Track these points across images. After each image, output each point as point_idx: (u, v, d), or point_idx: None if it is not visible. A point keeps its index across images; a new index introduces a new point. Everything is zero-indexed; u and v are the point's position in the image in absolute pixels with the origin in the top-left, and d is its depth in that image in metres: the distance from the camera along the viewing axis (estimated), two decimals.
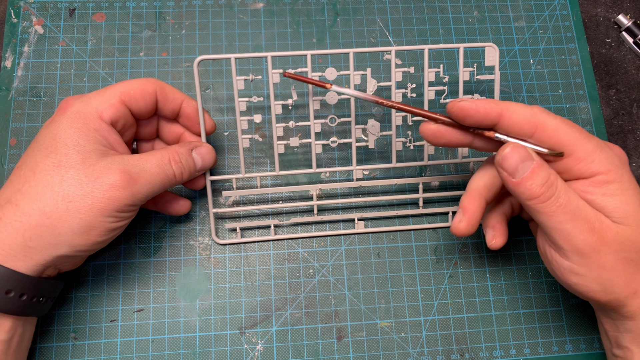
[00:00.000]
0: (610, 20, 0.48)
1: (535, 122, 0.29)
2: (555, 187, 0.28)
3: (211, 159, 0.37)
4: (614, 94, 0.46)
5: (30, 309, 0.31)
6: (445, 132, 0.32)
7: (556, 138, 0.29)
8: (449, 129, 0.32)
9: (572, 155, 0.29)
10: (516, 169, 0.29)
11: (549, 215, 0.28)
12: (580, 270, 0.29)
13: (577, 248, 0.28)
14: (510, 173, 0.29)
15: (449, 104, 0.31)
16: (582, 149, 0.29)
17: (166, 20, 0.45)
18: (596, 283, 0.29)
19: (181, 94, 0.36)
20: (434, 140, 0.32)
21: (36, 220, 0.29)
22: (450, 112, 0.31)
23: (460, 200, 0.34)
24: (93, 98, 0.33)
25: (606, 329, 0.32)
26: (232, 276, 0.39)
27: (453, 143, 0.32)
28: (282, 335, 0.38)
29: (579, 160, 0.29)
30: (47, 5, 0.44)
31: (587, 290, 0.29)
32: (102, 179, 0.30)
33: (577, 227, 0.28)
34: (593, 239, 0.28)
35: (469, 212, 0.33)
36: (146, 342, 0.37)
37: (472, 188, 0.34)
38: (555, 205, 0.28)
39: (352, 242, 0.41)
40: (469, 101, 0.30)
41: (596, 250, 0.28)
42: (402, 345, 0.38)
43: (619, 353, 0.31)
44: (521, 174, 0.29)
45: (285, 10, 0.46)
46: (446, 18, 0.46)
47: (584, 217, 0.28)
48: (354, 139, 0.39)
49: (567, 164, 0.29)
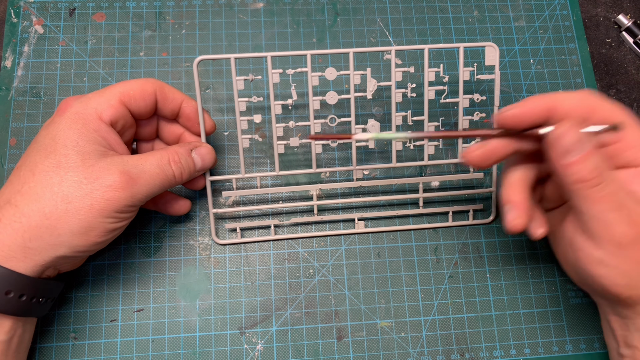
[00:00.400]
0: (610, 20, 0.48)
1: (588, 105, 0.28)
2: (606, 174, 0.27)
3: (211, 160, 0.37)
4: (614, 94, 0.46)
5: (30, 309, 0.31)
6: (493, 151, 0.30)
7: (610, 122, 0.28)
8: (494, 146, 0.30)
9: (623, 140, 0.28)
10: (569, 150, 0.27)
11: (593, 202, 0.27)
12: (611, 262, 0.28)
13: (614, 239, 0.27)
14: (563, 153, 0.28)
15: (497, 116, 0.30)
16: (633, 135, 0.28)
17: (166, 20, 0.45)
18: (623, 277, 0.28)
19: (181, 94, 0.36)
20: (483, 164, 0.31)
21: (35, 221, 0.29)
22: (503, 123, 0.30)
23: (505, 196, 0.31)
24: (92, 99, 0.33)
25: (614, 327, 0.31)
26: (232, 276, 0.39)
27: (503, 157, 0.31)
28: (282, 335, 0.38)
29: (629, 147, 0.28)
30: (47, 5, 0.44)
31: (610, 283, 0.28)
32: (102, 179, 0.30)
33: (619, 218, 0.27)
34: (633, 232, 0.27)
35: (521, 206, 0.31)
36: (146, 342, 0.37)
37: (513, 179, 0.32)
38: (602, 192, 0.27)
39: (352, 242, 0.41)
40: (517, 106, 0.29)
41: (633, 243, 0.27)
42: (402, 345, 0.38)
43: (627, 353, 0.31)
44: (574, 155, 0.27)
45: (285, 10, 0.46)
46: (446, 18, 0.46)
47: (628, 209, 0.27)
48: (354, 139, 0.39)
49: (616, 150, 0.29)
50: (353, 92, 0.38)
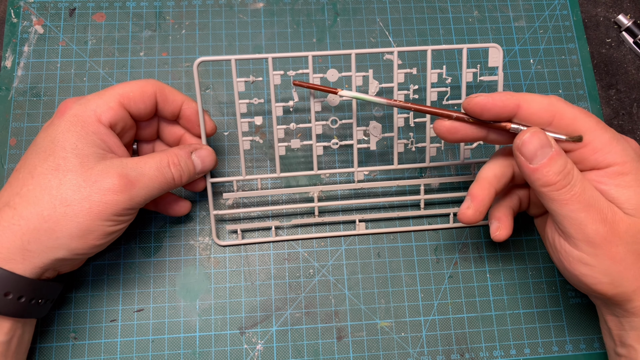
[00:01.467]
0: (610, 20, 0.48)
1: (553, 110, 0.29)
2: (572, 176, 0.28)
3: (211, 162, 0.36)
4: (614, 94, 0.46)
5: (29, 310, 0.31)
6: (460, 128, 0.32)
7: (573, 127, 0.29)
8: (463, 124, 0.32)
9: (589, 145, 0.29)
10: (534, 155, 0.29)
11: (562, 204, 0.28)
12: (590, 261, 0.29)
13: (588, 237, 0.28)
14: (528, 158, 0.29)
15: (464, 100, 0.31)
16: (598, 139, 0.29)
17: (166, 20, 0.45)
18: (605, 275, 0.29)
19: (181, 95, 0.36)
20: (448, 137, 0.32)
21: (34, 224, 0.29)
22: (467, 108, 0.31)
23: (470, 188, 0.34)
24: (92, 100, 0.32)
25: (610, 327, 0.32)
26: (232, 276, 0.39)
27: (468, 138, 0.32)
28: (282, 335, 0.38)
29: (595, 151, 0.29)
30: (47, 5, 0.44)
31: (594, 282, 0.29)
32: (100, 182, 0.30)
33: (590, 217, 0.28)
34: (605, 230, 0.28)
35: (478, 200, 0.33)
36: (146, 342, 0.37)
37: (482, 177, 0.34)
38: (570, 193, 0.28)
39: (352, 242, 0.41)
40: (485, 96, 0.30)
41: (607, 240, 0.28)
42: (402, 345, 0.38)
43: (623, 352, 0.31)
44: (539, 160, 0.28)
45: (285, 10, 0.46)
46: (446, 18, 0.46)
47: (598, 207, 0.28)
48: (356, 140, 0.39)
49: (583, 154, 0.29)
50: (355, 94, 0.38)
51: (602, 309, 0.33)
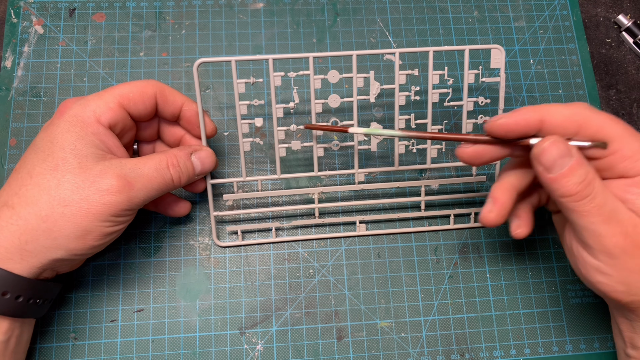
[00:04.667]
0: (610, 20, 0.48)
1: (579, 120, 0.28)
2: (592, 187, 0.27)
3: (211, 163, 0.36)
4: (614, 94, 0.46)
5: (27, 310, 0.31)
6: (484, 152, 0.31)
7: (601, 135, 0.28)
8: (486, 147, 0.31)
9: (617, 152, 0.28)
10: (554, 165, 0.28)
11: (582, 215, 0.27)
12: (607, 270, 0.28)
13: (606, 249, 0.28)
14: (547, 168, 0.28)
15: (486, 124, 0.30)
16: (628, 147, 0.28)
17: (166, 20, 0.45)
18: (621, 284, 0.28)
19: (181, 96, 0.36)
20: (475, 162, 0.31)
21: (32, 224, 0.29)
22: (490, 132, 0.30)
23: (492, 190, 0.32)
24: (91, 101, 0.32)
25: (622, 329, 0.32)
26: (232, 276, 0.39)
27: (494, 158, 0.31)
28: (282, 335, 0.38)
29: (624, 158, 0.28)
30: (47, 5, 0.44)
31: (610, 290, 0.29)
32: (99, 183, 0.30)
33: (610, 230, 0.27)
34: (625, 243, 0.27)
35: (500, 203, 0.32)
36: (146, 342, 0.37)
37: (505, 179, 0.32)
38: (590, 205, 0.27)
39: (352, 243, 0.41)
40: (507, 116, 0.29)
41: (626, 253, 0.27)
42: (402, 345, 0.38)
43: (634, 354, 0.31)
44: (558, 169, 0.27)
45: (285, 10, 0.46)
46: (446, 18, 0.46)
47: (618, 220, 0.27)
48: (356, 142, 0.39)
49: (612, 161, 0.28)
50: (356, 95, 0.37)
51: (615, 312, 0.32)
